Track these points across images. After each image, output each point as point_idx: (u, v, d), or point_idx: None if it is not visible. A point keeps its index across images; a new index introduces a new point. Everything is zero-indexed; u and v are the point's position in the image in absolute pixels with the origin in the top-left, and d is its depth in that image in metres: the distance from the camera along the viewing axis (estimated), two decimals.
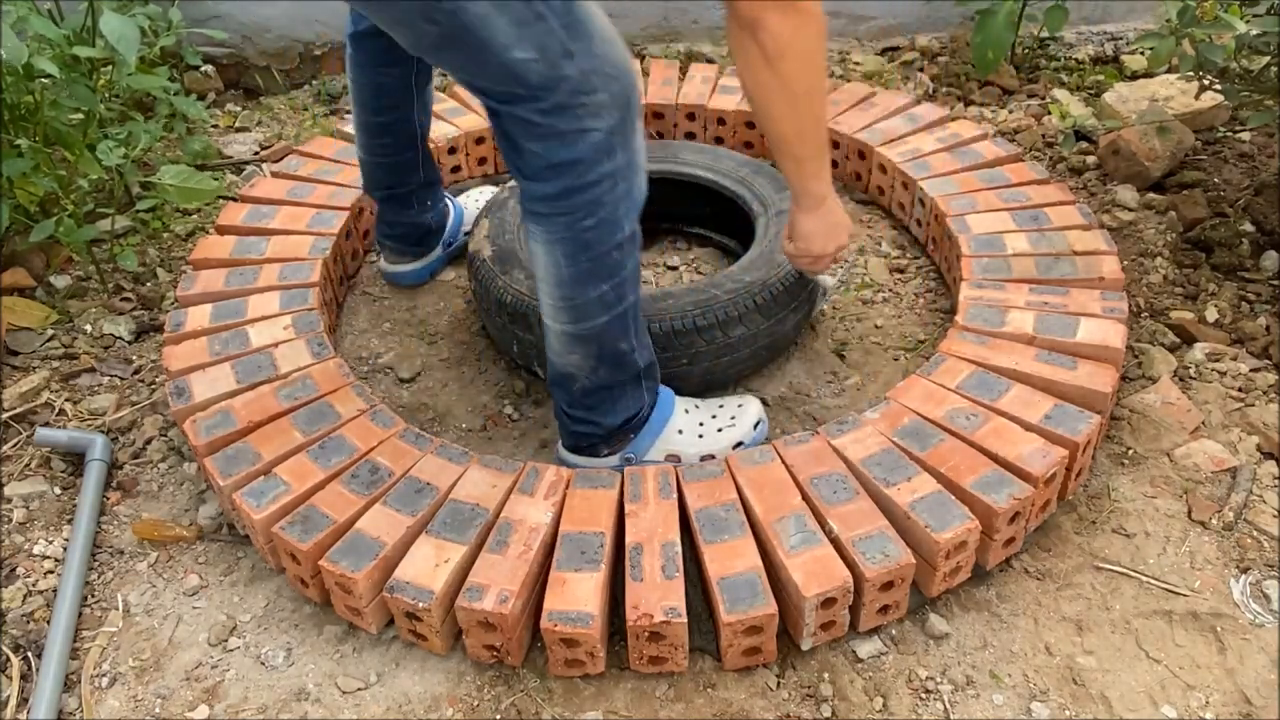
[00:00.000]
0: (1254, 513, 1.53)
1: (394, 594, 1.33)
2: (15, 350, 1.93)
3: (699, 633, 1.39)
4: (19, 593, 1.50)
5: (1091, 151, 2.39)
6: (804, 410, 1.77)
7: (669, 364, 1.65)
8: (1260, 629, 1.39)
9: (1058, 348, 1.64)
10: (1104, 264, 1.80)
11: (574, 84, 1.21)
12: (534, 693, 1.35)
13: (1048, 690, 1.34)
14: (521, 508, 1.43)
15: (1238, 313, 1.90)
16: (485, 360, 1.90)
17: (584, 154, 1.25)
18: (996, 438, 1.48)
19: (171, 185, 1.96)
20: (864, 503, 1.41)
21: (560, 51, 1.19)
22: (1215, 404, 1.70)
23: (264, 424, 1.57)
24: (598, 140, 1.25)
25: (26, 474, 1.70)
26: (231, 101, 2.80)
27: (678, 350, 1.65)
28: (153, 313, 2.05)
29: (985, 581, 1.48)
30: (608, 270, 1.35)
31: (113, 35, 1.80)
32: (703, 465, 1.49)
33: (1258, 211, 2.09)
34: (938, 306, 2.00)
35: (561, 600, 1.31)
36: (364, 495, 1.46)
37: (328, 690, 1.37)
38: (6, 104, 1.86)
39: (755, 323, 1.68)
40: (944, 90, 2.72)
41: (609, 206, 1.30)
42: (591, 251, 1.32)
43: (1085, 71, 2.80)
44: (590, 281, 1.34)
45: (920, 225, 2.12)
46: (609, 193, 1.29)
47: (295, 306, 1.81)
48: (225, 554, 1.57)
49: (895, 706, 1.32)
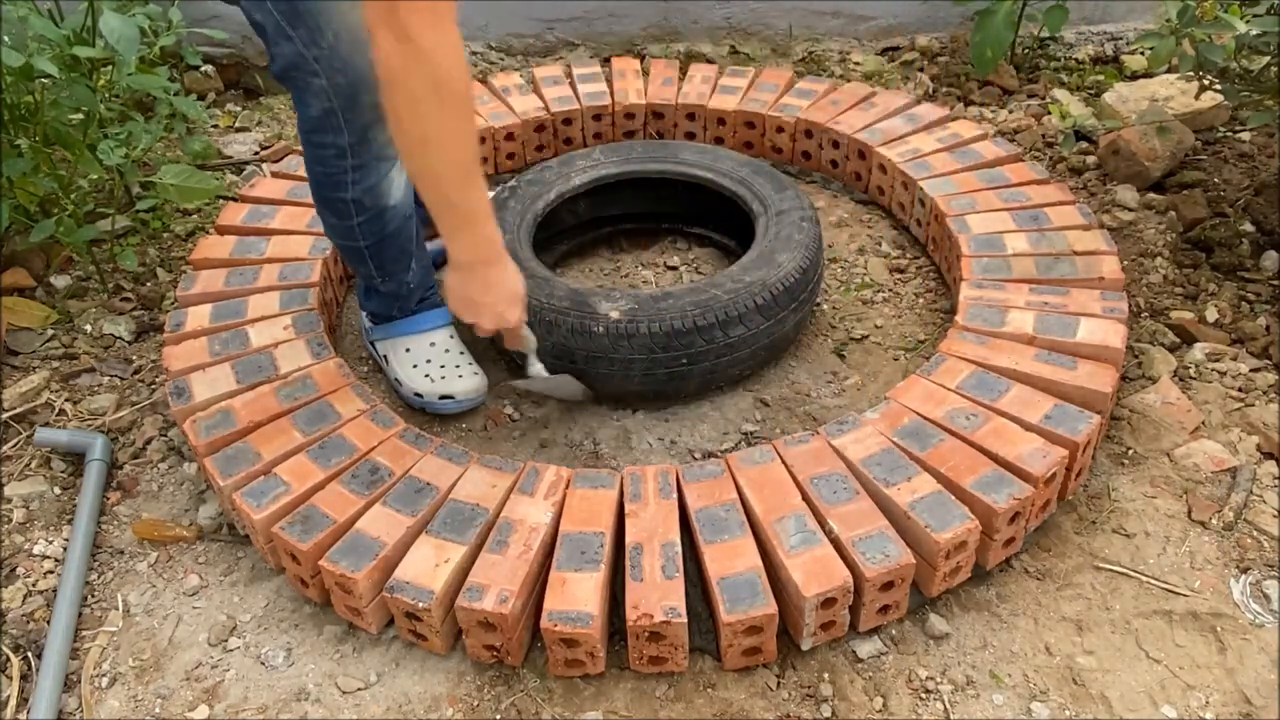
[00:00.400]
0: (1254, 513, 1.53)
1: (394, 594, 1.33)
2: (15, 350, 1.93)
3: (699, 633, 1.39)
4: (19, 593, 1.50)
5: (1091, 151, 2.39)
6: (804, 410, 1.77)
7: (669, 363, 1.65)
8: (1260, 629, 1.39)
9: (1058, 348, 1.64)
10: (1104, 264, 1.80)
11: (290, 61, 1.40)
12: (534, 693, 1.35)
13: (1048, 690, 1.34)
14: (521, 508, 1.43)
15: (1238, 313, 1.90)
16: (485, 360, 1.90)
17: (305, 119, 1.47)
18: (996, 438, 1.48)
19: (172, 184, 1.96)
20: (864, 503, 1.41)
21: (279, 32, 1.38)
22: (1215, 404, 1.70)
23: (264, 424, 1.57)
24: (317, 115, 1.45)
25: (26, 474, 1.70)
26: (231, 101, 2.80)
27: (678, 350, 1.65)
28: (153, 313, 2.05)
29: (985, 581, 1.48)
30: (335, 211, 1.58)
31: (112, 35, 1.80)
32: (703, 465, 1.49)
33: (1258, 211, 2.09)
34: (938, 306, 2.00)
35: (561, 600, 1.31)
36: (364, 495, 1.46)
37: (328, 690, 1.37)
38: (6, 104, 1.86)
39: (755, 322, 1.68)
40: (944, 90, 2.72)
41: (333, 168, 1.51)
42: (321, 190, 1.56)
43: (1085, 71, 2.80)
44: (322, 207, 1.60)
45: (920, 225, 2.12)
46: (334, 159, 1.49)
47: (295, 306, 1.81)
48: (225, 554, 1.57)
49: (895, 706, 1.32)
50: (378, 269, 1.69)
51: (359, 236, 1.62)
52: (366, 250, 1.65)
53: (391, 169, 1.56)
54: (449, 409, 1.76)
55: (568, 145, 2.46)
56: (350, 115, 1.44)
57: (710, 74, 2.51)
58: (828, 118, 2.30)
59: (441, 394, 1.75)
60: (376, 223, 1.60)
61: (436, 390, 1.75)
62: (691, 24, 2.91)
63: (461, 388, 1.75)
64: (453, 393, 1.75)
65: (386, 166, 1.54)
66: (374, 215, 1.59)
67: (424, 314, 1.80)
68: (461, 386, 1.75)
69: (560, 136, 2.45)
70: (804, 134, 2.34)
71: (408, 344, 1.79)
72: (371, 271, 1.69)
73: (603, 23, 2.87)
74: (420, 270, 1.75)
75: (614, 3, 2.84)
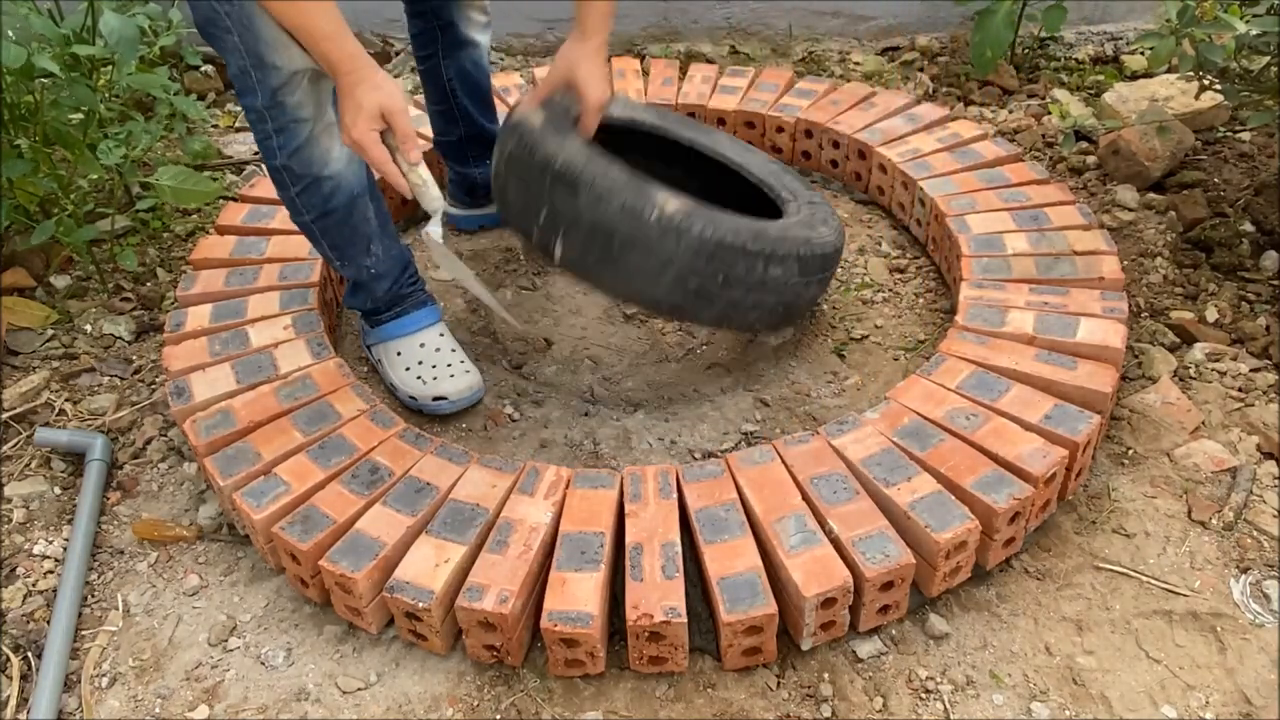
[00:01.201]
0: (1254, 513, 1.53)
1: (394, 594, 1.33)
2: (15, 350, 1.93)
3: (699, 633, 1.39)
4: (19, 593, 1.50)
5: (1091, 151, 2.39)
6: (804, 410, 1.77)
7: (704, 276, 1.58)
8: (1260, 629, 1.39)
9: (1058, 348, 1.64)
10: (1104, 264, 1.80)
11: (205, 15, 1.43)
12: (534, 693, 1.35)
13: (1048, 690, 1.34)
14: (521, 508, 1.43)
15: (1238, 313, 1.90)
16: (485, 360, 1.90)
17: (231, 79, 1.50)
18: (996, 438, 1.48)
19: (169, 186, 1.96)
20: (864, 503, 1.41)
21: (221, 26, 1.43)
22: (1215, 404, 1.70)
23: (264, 424, 1.57)
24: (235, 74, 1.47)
25: (26, 474, 1.70)
26: (231, 101, 2.80)
27: (719, 265, 1.58)
28: (153, 313, 2.05)
29: (985, 581, 1.48)
30: (277, 182, 1.59)
31: (112, 35, 1.80)
32: (703, 465, 1.49)
33: (1258, 211, 2.09)
34: (938, 306, 2.00)
35: (561, 600, 1.31)
36: (364, 495, 1.46)
37: (328, 690, 1.37)
38: (6, 104, 1.86)
39: (791, 271, 1.66)
40: (944, 90, 2.72)
41: (259, 133, 1.52)
42: (264, 161, 1.58)
43: (1085, 71, 2.80)
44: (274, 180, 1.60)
45: (920, 225, 2.12)
46: (256, 123, 1.51)
47: (295, 306, 1.81)
48: (225, 554, 1.57)
49: (895, 706, 1.32)
50: (331, 249, 1.67)
51: (301, 210, 1.61)
52: (313, 226, 1.64)
53: (315, 132, 1.53)
54: (444, 410, 1.76)
55: None
56: (259, 75, 1.44)
57: (710, 74, 2.51)
58: (828, 118, 2.30)
59: (434, 395, 1.74)
60: (314, 194, 1.58)
61: (429, 392, 1.75)
62: (691, 24, 2.91)
63: (454, 388, 1.74)
64: (445, 393, 1.74)
65: (305, 129, 1.51)
66: (309, 185, 1.57)
67: (411, 314, 1.79)
68: (454, 386, 1.74)
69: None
70: (804, 134, 2.34)
71: (398, 347, 1.79)
72: (327, 253, 1.69)
73: None
74: (386, 260, 1.72)
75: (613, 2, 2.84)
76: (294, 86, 1.47)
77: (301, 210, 1.62)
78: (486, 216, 2.22)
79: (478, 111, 2.06)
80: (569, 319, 2.00)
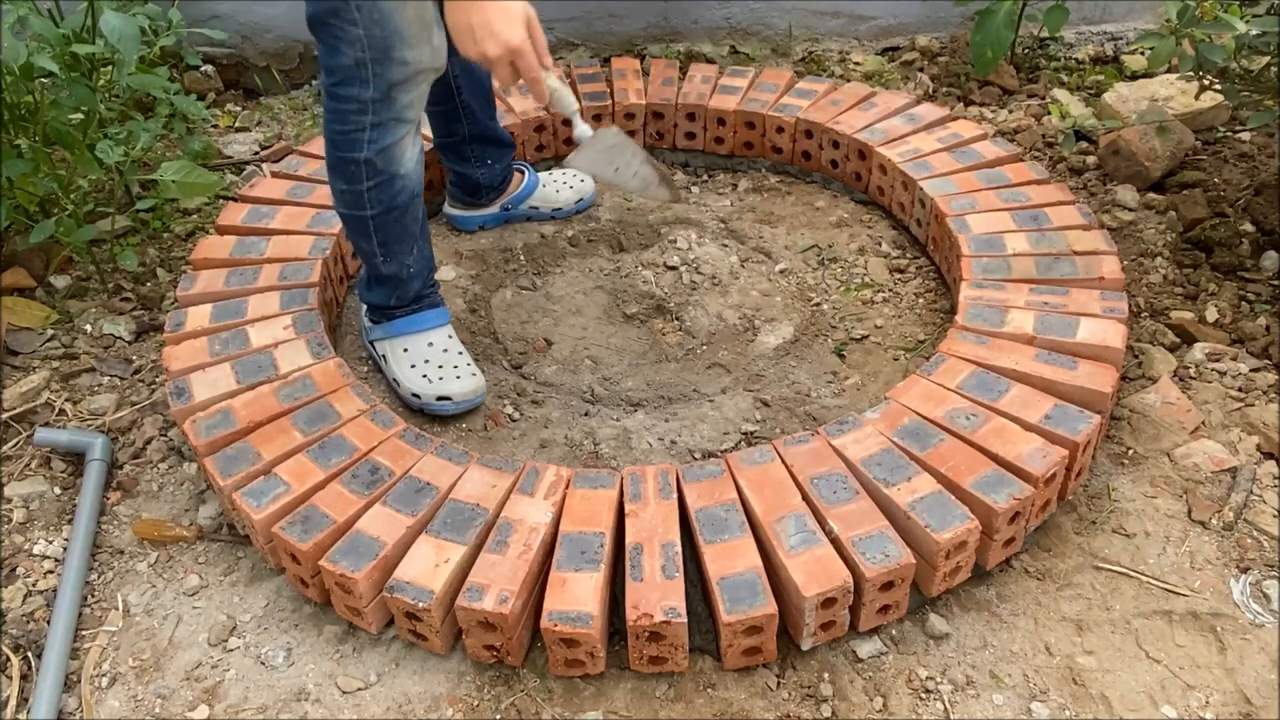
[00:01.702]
0: (1254, 513, 1.53)
1: (394, 594, 1.33)
2: (15, 350, 1.93)
3: (699, 633, 1.39)
4: (19, 593, 1.50)
5: (1091, 151, 2.39)
6: (804, 410, 1.77)
7: None
8: (1260, 629, 1.39)
9: (1058, 348, 1.64)
10: (1104, 264, 1.80)
11: (330, 7, 1.43)
12: (534, 693, 1.35)
13: (1048, 690, 1.34)
14: (521, 508, 1.43)
15: (1238, 313, 1.90)
16: (485, 360, 1.90)
17: (335, 69, 1.49)
18: (996, 438, 1.48)
19: (173, 180, 1.96)
20: (864, 503, 1.41)
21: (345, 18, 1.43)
22: (1215, 404, 1.70)
23: (264, 424, 1.57)
24: (348, 65, 1.47)
25: (26, 474, 1.70)
26: (231, 101, 2.80)
27: None
28: (153, 313, 2.05)
29: (985, 581, 1.48)
30: (347, 175, 1.60)
31: (113, 35, 1.80)
32: (703, 465, 1.49)
33: (1258, 211, 2.09)
34: (938, 306, 2.00)
35: (561, 600, 1.31)
36: (364, 495, 1.46)
37: (328, 690, 1.37)
38: (6, 104, 1.86)
39: None
40: (944, 90, 2.72)
41: (351, 125, 1.54)
42: (337, 151, 1.58)
43: (1085, 71, 2.80)
44: (334, 174, 1.62)
45: (920, 225, 2.12)
46: (354, 114, 1.52)
47: (295, 306, 1.81)
48: (225, 554, 1.57)
49: (895, 706, 1.32)
50: (380, 245, 1.69)
51: (367, 204, 1.63)
52: (372, 221, 1.65)
53: (407, 134, 1.58)
54: (446, 410, 1.76)
55: (568, 146, 2.46)
56: (379, 69, 1.47)
57: (710, 74, 2.51)
58: (828, 118, 2.30)
59: (439, 395, 1.75)
60: (386, 190, 1.62)
61: (434, 391, 1.75)
62: (691, 24, 2.91)
63: (459, 389, 1.75)
64: (450, 394, 1.75)
65: (403, 130, 1.57)
66: (384, 181, 1.60)
67: (423, 313, 1.81)
68: (459, 388, 1.75)
69: (560, 137, 2.45)
70: (804, 134, 2.34)
71: (405, 343, 1.80)
72: (374, 248, 1.70)
73: (603, 23, 2.87)
74: (421, 260, 1.76)
75: (614, 2, 2.84)
76: (412, 85, 1.50)
77: (368, 205, 1.63)
78: (487, 216, 2.23)
79: (481, 110, 2.06)
80: (569, 319, 2.00)
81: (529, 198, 2.23)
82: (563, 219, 2.27)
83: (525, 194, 2.22)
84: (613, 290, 2.06)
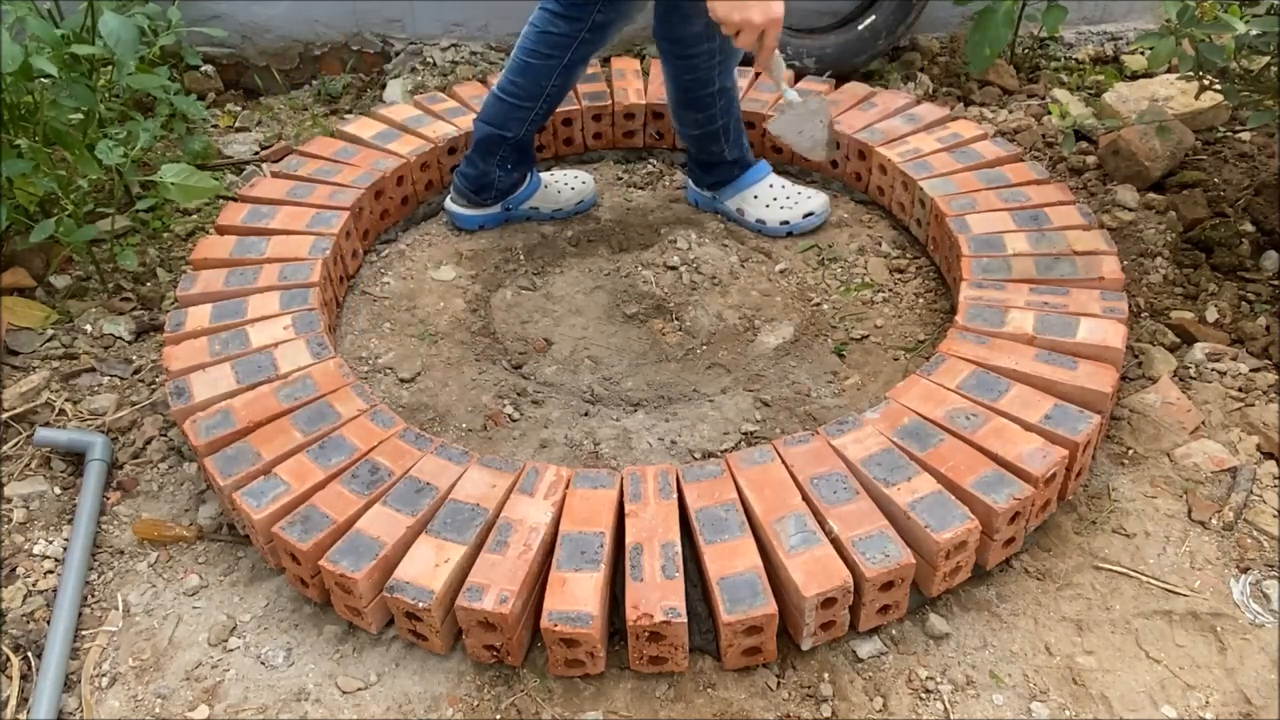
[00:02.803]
0: (1254, 513, 1.53)
1: (394, 594, 1.33)
2: (15, 350, 1.93)
3: (699, 633, 1.39)
4: (19, 593, 1.50)
5: (1091, 151, 2.39)
6: (804, 410, 1.77)
7: None
8: (1260, 629, 1.39)
9: (1058, 348, 1.64)
10: (1104, 264, 1.80)
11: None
12: (534, 693, 1.35)
13: (1048, 690, 1.34)
14: (521, 508, 1.43)
15: (1238, 313, 1.90)
16: (485, 360, 1.90)
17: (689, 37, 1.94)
18: (996, 438, 1.48)
19: (173, 183, 1.96)
20: (864, 503, 1.41)
21: None
22: (1215, 404, 1.70)
23: (264, 424, 1.57)
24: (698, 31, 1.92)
25: (26, 474, 1.70)
26: (231, 101, 2.80)
27: None
28: (153, 313, 2.05)
29: (985, 581, 1.48)
30: (701, 106, 2.08)
31: (111, 36, 1.80)
32: (703, 465, 1.49)
33: (1258, 211, 2.09)
34: (938, 306, 2.00)
35: (561, 600, 1.31)
36: (364, 495, 1.46)
37: (328, 690, 1.37)
38: (6, 104, 1.86)
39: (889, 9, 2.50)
40: (944, 90, 2.72)
41: (703, 70, 2.01)
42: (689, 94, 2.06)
43: (1085, 71, 2.80)
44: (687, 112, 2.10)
45: (920, 225, 2.11)
46: (704, 61, 1.99)
47: (295, 306, 1.81)
48: (225, 554, 1.57)
49: (895, 706, 1.32)
50: (728, 140, 2.14)
51: (719, 117, 2.09)
52: (724, 128, 2.12)
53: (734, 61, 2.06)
54: (813, 224, 2.18)
55: (568, 145, 2.46)
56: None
57: None
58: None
59: (805, 213, 2.16)
60: (729, 98, 2.09)
61: (799, 212, 2.16)
62: None
63: (817, 203, 2.18)
64: (812, 209, 2.17)
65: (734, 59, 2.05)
66: (730, 96, 2.09)
67: (755, 167, 2.21)
68: (816, 203, 2.18)
69: (560, 137, 2.45)
70: None
71: (755, 191, 2.19)
72: (723, 145, 2.14)
73: None
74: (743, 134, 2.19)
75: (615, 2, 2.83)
76: None
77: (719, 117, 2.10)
78: (488, 216, 2.23)
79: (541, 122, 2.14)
80: (569, 319, 2.00)
81: (530, 198, 2.23)
82: (563, 219, 2.27)
83: (527, 194, 2.23)
84: (613, 290, 2.06)
